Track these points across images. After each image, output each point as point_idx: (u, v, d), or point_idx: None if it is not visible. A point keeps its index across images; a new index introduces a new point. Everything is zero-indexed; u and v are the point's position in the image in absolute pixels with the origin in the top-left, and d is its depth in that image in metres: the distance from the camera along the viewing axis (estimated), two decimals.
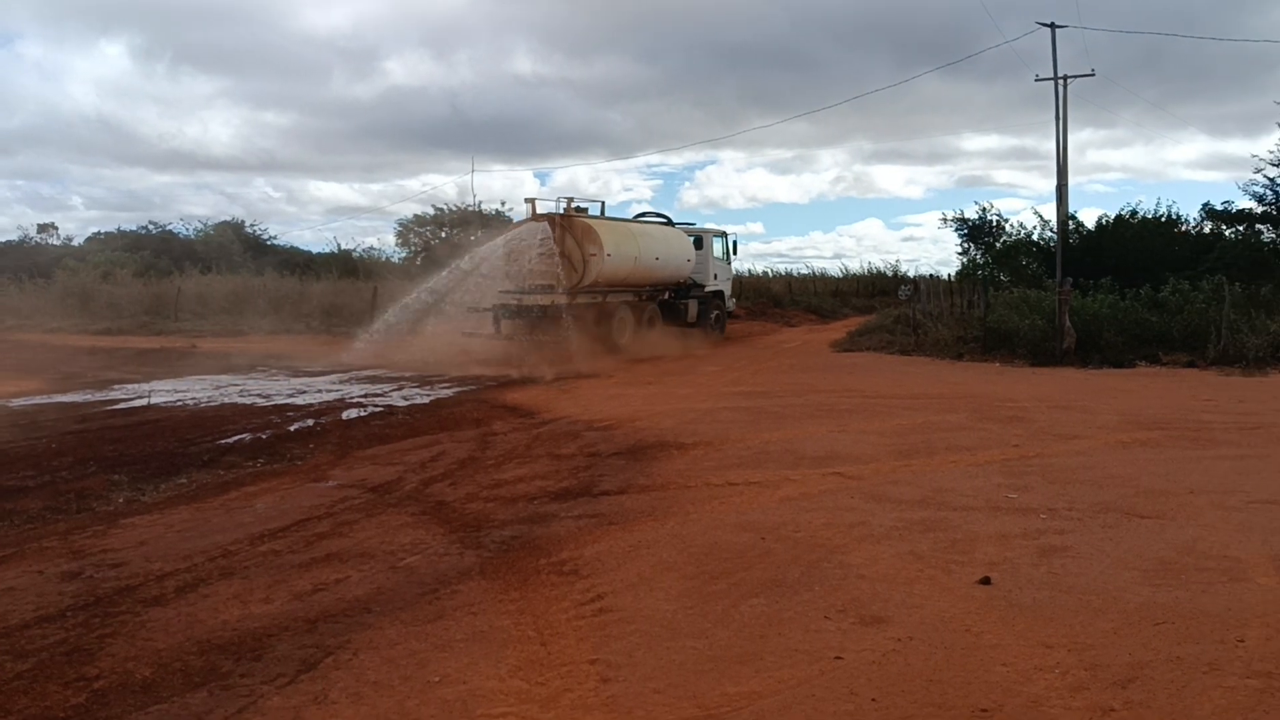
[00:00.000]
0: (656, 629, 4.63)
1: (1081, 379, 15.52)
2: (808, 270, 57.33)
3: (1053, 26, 26.65)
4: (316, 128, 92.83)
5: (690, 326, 23.89)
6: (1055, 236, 26.79)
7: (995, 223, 35.00)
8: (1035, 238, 30.50)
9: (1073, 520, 6.48)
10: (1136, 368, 16.84)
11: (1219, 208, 27.84)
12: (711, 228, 26.32)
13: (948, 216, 36.75)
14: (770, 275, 49.43)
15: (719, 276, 26.30)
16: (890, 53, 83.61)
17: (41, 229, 53.31)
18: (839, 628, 4.60)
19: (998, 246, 33.11)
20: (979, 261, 34.00)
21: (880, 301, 40.04)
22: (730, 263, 27.49)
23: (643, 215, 25.65)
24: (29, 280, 36.93)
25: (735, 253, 27.55)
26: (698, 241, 24.96)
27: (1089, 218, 39.07)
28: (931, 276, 38.02)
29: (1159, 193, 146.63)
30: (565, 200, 20.96)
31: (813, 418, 11.34)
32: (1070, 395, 13.26)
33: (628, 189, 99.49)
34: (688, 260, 23.79)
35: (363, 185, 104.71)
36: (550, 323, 19.78)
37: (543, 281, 20.15)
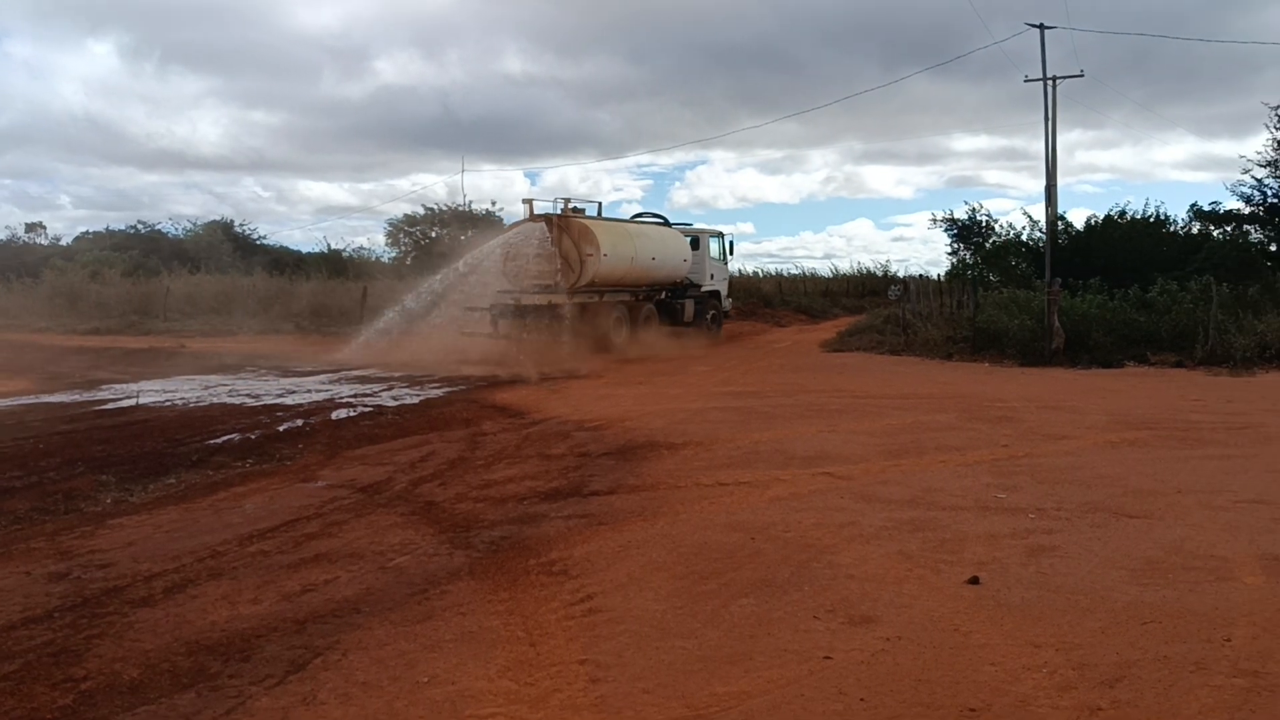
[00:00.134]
0: (646, 629, 4.63)
1: (1070, 379, 15.58)
2: (798, 270, 57.57)
3: (1041, 27, 26.75)
4: (306, 127, 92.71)
5: (687, 326, 24.05)
6: (1044, 237, 26.86)
7: (985, 223, 35.18)
8: (1024, 238, 30.63)
9: (1061, 520, 6.51)
10: (1125, 368, 16.91)
11: (1207, 208, 27.97)
12: (708, 228, 26.46)
13: (937, 217, 36.94)
14: (760, 275, 49.59)
15: (715, 276, 26.43)
16: (880, 53, 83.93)
17: (29, 228, 53.12)
18: (828, 628, 4.60)
19: (987, 247, 33.25)
20: (968, 262, 34.14)
21: (870, 301, 40.19)
22: (727, 263, 27.61)
23: (639, 216, 25.77)
24: (16, 280, 36.73)
25: (731, 253, 27.67)
26: (694, 242, 25.07)
27: (1078, 218, 39.23)
28: (921, 277, 38.27)
29: (1147, 193, 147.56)
30: (562, 201, 21.12)
31: (803, 418, 11.35)
32: (1059, 395, 13.31)
33: (618, 189, 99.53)
34: (684, 260, 23.92)
35: (352, 185, 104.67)
36: (548, 322, 19.93)
37: (540, 281, 20.29)
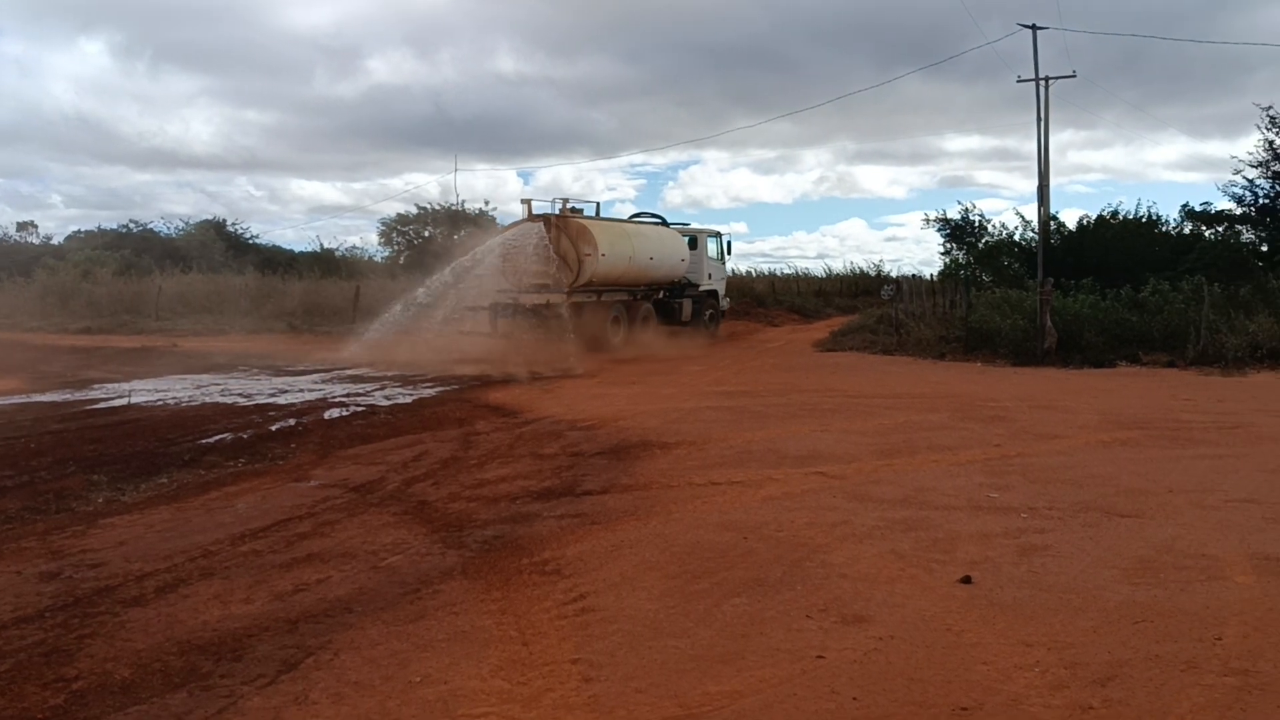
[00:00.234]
0: (639, 628, 4.63)
1: (1062, 379, 15.61)
2: (791, 270, 57.51)
3: (1034, 28, 26.79)
4: (299, 126, 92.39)
5: (684, 325, 24.18)
6: (1037, 237, 26.94)
7: (977, 223, 35.15)
8: (1017, 238, 30.70)
9: (1053, 519, 6.52)
10: (1117, 367, 16.96)
11: (1198, 209, 28.08)
12: (705, 228, 26.59)
13: (930, 217, 36.87)
14: (754, 275, 49.53)
15: (713, 276, 26.56)
16: (873, 53, 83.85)
17: (20, 227, 52.73)
18: (821, 627, 4.61)
19: (980, 247, 33.26)
20: (961, 261, 34.16)
21: (863, 301, 40.16)
22: (724, 262, 27.74)
23: (637, 216, 25.88)
24: (8, 279, 36.56)
25: (729, 252, 27.79)
26: (692, 241, 25.19)
27: (1070, 218, 39.29)
28: (914, 276, 38.19)
29: (1139, 193, 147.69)
30: (561, 201, 21.23)
31: (795, 417, 11.36)
32: (1051, 395, 13.34)
33: (611, 188, 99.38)
34: (682, 260, 24.05)
35: (345, 184, 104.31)
36: (546, 321, 20.05)
37: (539, 281, 20.39)
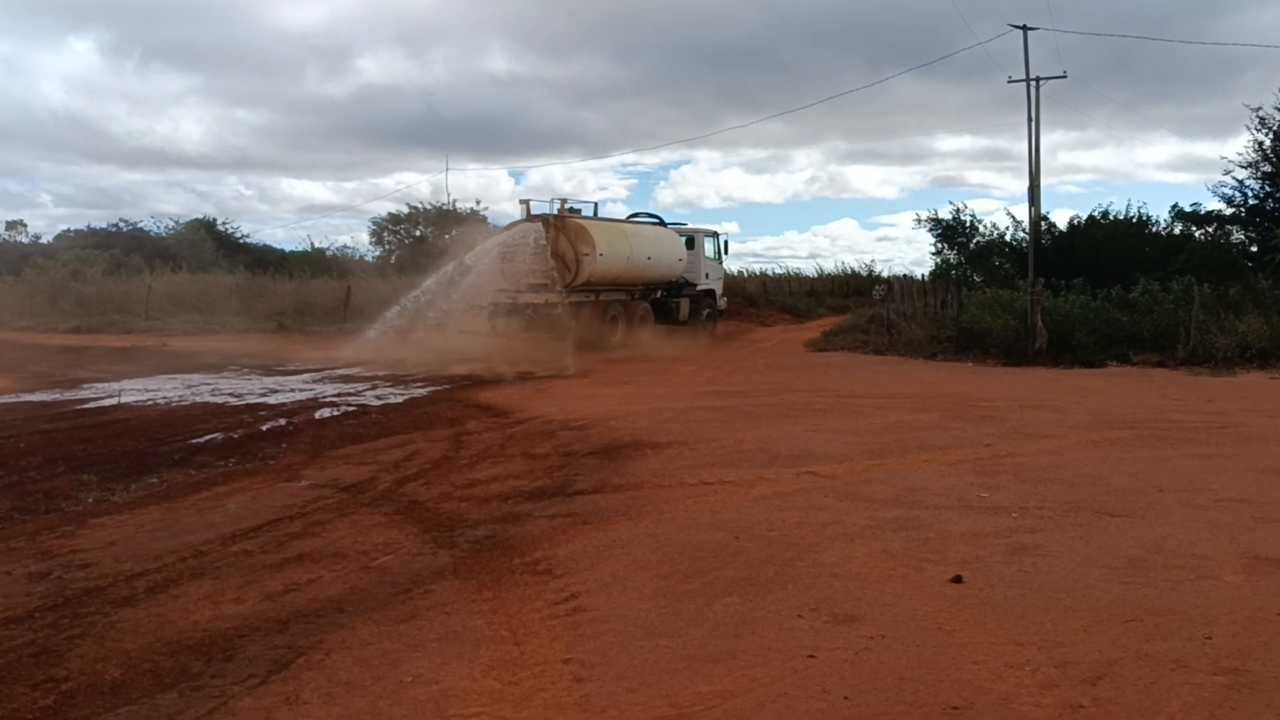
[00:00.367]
0: (630, 628, 4.63)
1: (1053, 378, 15.66)
2: (783, 270, 57.60)
3: (1025, 29, 26.89)
4: (289, 125, 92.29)
5: (682, 325, 24.35)
6: (1028, 237, 26.99)
7: (969, 223, 35.17)
8: (1008, 238, 30.72)
9: (1044, 519, 6.54)
10: (1107, 367, 17.01)
11: (1188, 209, 28.16)
12: (703, 228, 26.75)
13: (922, 217, 36.88)
14: (746, 275, 49.52)
15: (710, 275, 26.72)
16: (864, 54, 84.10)
17: (10, 226, 52.62)
18: (812, 626, 4.62)
19: (971, 247, 33.29)
20: (952, 262, 34.20)
21: (855, 301, 40.21)
22: (722, 262, 27.90)
23: (635, 216, 26.01)
24: None
25: (727, 252, 27.93)
26: (689, 241, 25.34)
27: (1061, 218, 39.30)
28: (905, 276, 38.32)
29: (1130, 194, 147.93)
30: (559, 201, 21.41)
31: (787, 417, 11.38)
32: (1042, 394, 13.37)
33: (603, 188, 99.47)
34: (679, 260, 24.21)
35: (336, 183, 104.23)
36: (544, 321, 20.27)
37: (537, 281, 20.53)
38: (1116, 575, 5.31)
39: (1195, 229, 27.27)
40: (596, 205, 23.05)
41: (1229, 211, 26.97)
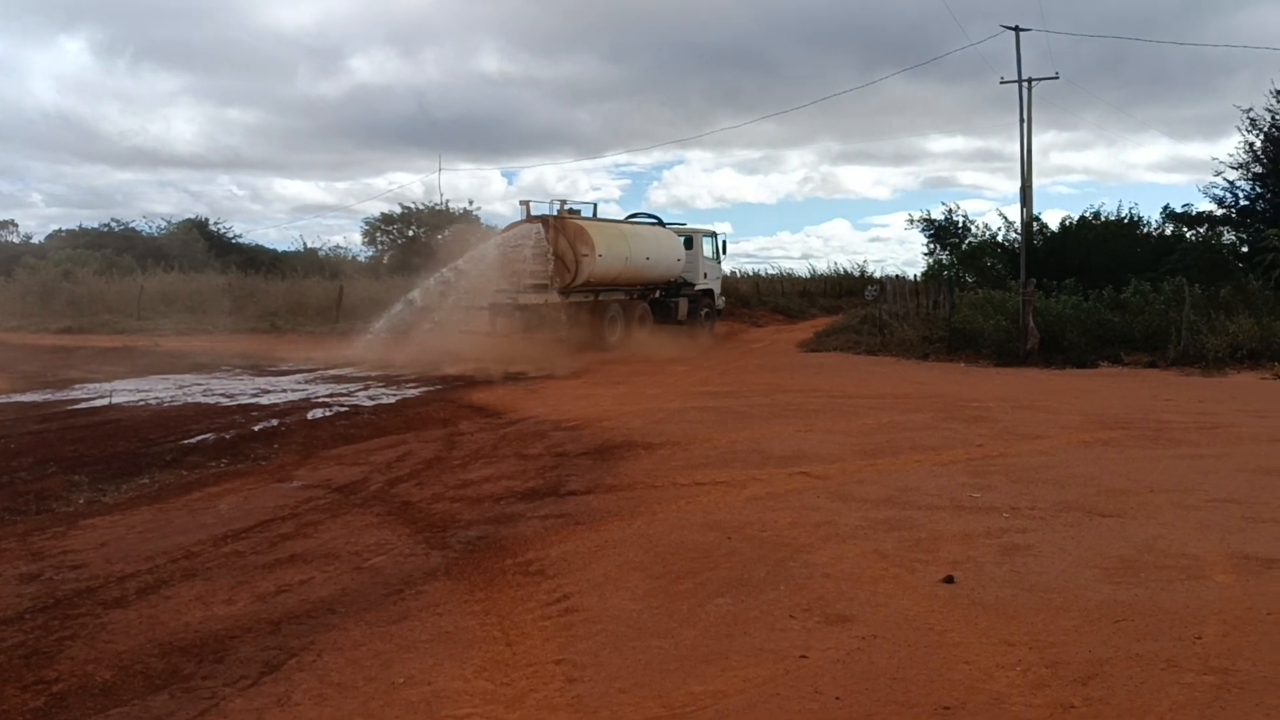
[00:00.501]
0: (622, 629, 4.63)
1: (1045, 379, 15.69)
2: (775, 270, 57.51)
3: (1017, 30, 26.95)
4: (282, 125, 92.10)
5: (680, 324, 24.52)
6: (1020, 238, 27.07)
7: (961, 224, 35.26)
8: (1000, 239, 30.86)
9: (1035, 519, 6.55)
10: (1099, 368, 17.06)
11: (1179, 210, 28.28)
12: (702, 228, 26.95)
13: (914, 217, 36.95)
14: (738, 275, 49.57)
15: (709, 275, 26.91)
16: (856, 55, 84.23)
17: (1, 226, 52.47)
18: (804, 626, 4.62)
19: (963, 247, 33.37)
20: (945, 262, 34.26)
21: (847, 302, 40.32)
22: (720, 262, 28.08)
23: (634, 216, 26.16)
24: None
25: (725, 252, 28.08)
26: (688, 241, 25.52)
27: (1052, 219, 39.46)
28: (898, 277, 38.30)
29: (1121, 195, 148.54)
30: (558, 202, 21.61)
31: (779, 417, 11.39)
32: (1033, 395, 13.40)
33: (595, 188, 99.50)
34: (678, 260, 24.38)
35: (328, 183, 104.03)
36: (544, 321, 20.49)
37: (537, 281, 20.68)
38: (1107, 575, 5.33)
39: (1186, 230, 27.39)
40: (595, 206, 23.31)
41: (1220, 212, 27.10)
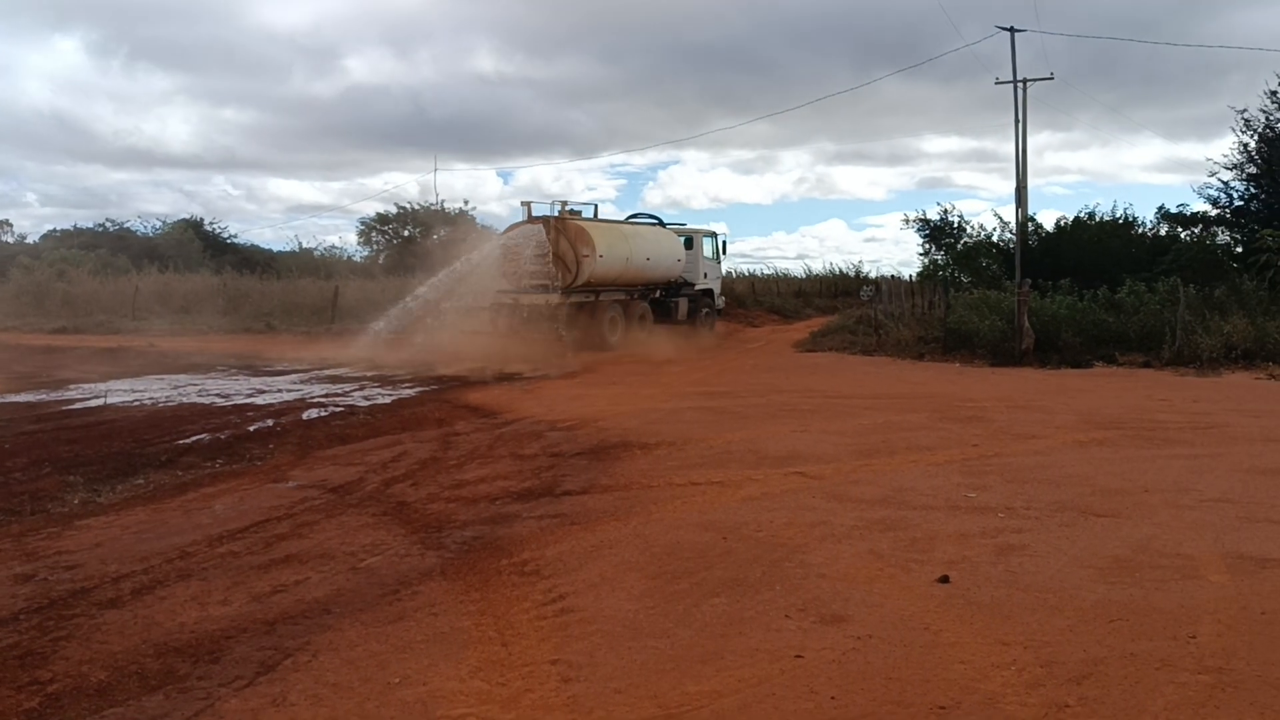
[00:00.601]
0: (618, 629, 4.63)
1: (1040, 379, 15.71)
2: (771, 271, 57.57)
3: (1012, 31, 27.01)
4: (277, 125, 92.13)
5: (680, 324, 24.66)
6: (1015, 238, 27.09)
7: (956, 224, 35.27)
8: (995, 239, 30.86)
9: (1030, 519, 6.56)
10: (1094, 368, 17.08)
11: (1174, 210, 28.32)
12: (702, 228, 27.10)
13: (909, 217, 36.96)
14: (734, 275, 49.58)
15: (709, 275, 27.04)
16: (851, 55, 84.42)
17: None
18: (799, 626, 4.62)
19: (958, 248, 33.37)
20: (940, 262, 34.26)
21: (842, 302, 40.38)
22: (720, 262, 28.21)
23: (634, 216, 26.30)
24: None
25: (725, 253, 28.19)
26: (688, 242, 25.66)
27: (1047, 219, 39.40)
28: (893, 277, 38.39)
29: (1116, 195, 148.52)
30: (560, 203, 21.73)
31: (775, 418, 11.39)
32: (1029, 395, 13.42)
33: (591, 189, 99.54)
34: (678, 260, 24.51)
35: (323, 183, 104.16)
36: (545, 321, 20.60)
37: (538, 282, 20.87)
38: (1102, 575, 5.34)
39: (1181, 230, 27.41)
40: (596, 207, 23.48)
41: (1214, 213, 27.14)
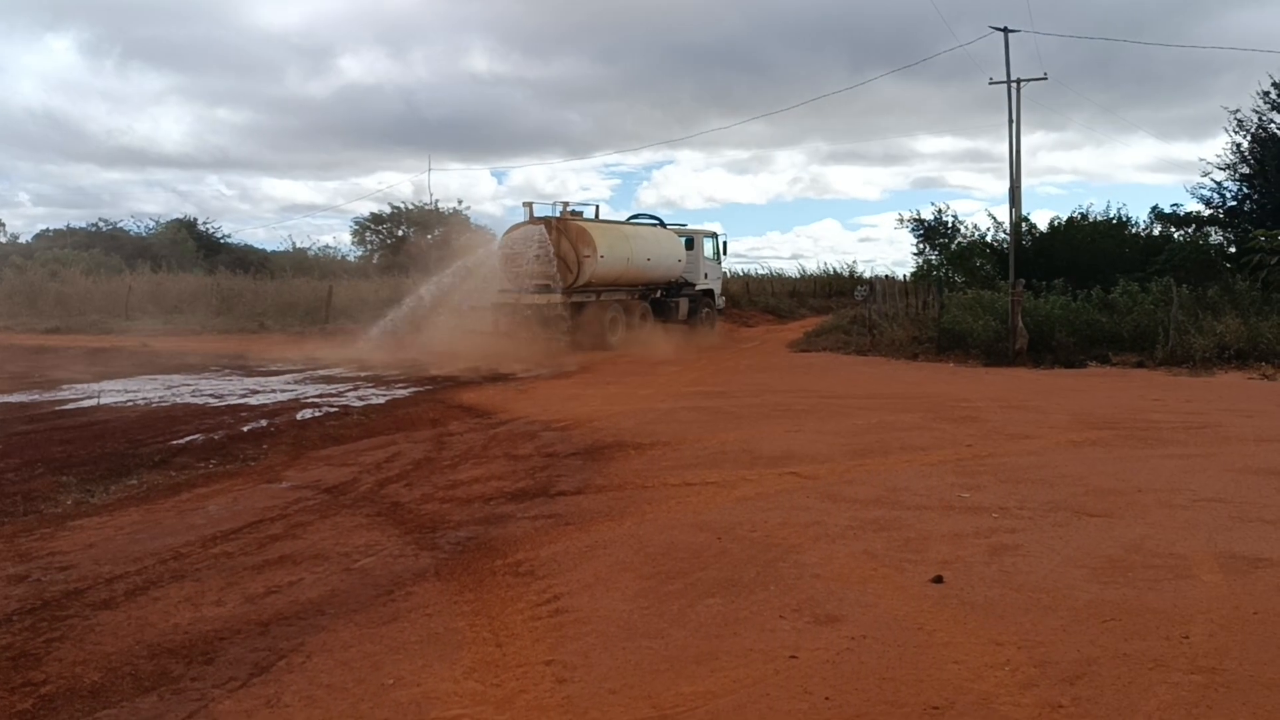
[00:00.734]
0: (613, 629, 4.63)
1: (1033, 379, 15.74)
2: (765, 271, 57.66)
3: (1005, 31, 27.03)
4: (270, 125, 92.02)
5: (681, 324, 24.82)
6: (1008, 238, 27.12)
7: (950, 224, 35.40)
8: (989, 239, 30.90)
9: (1024, 519, 6.57)
10: (1087, 368, 17.11)
11: (1167, 211, 28.41)
12: (702, 229, 27.28)
13: (904, 217, 37.18)
14: (728, 275, 49.57)
15: (709, 275, 27.23)
16: (846, 55, 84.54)
17: None
18: (794, 627, 4.63)
19: (952, 248, 33.48)
20: (934, 262, 34.39)
21: (837, 302, 40.45)
22: (720, 262, 28.39)
23: (635, 217, 26.44)
24: None
25: (725, 253, 28.34)
26: (689, 242, 25.85)
27: (1041, 219, 39.65)
28: (887, 277, 38.53)
29: (1109, 195, 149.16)
30: (561, 204, 21.96)
31: (769, 418, 11.40)
32: (1022, 395, 13.44)
33: (585, 188, 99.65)
34: (678, 260, 24.70)
35: (317, 183, 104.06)
36: (546, 321, 20.87)
37: (540, 282, 21.04)
38: (1095, 575, 5.35)
39: (1174, 230, 27.50)
40: (598, 208, 23.70)
41: (1207, 213, 27.23)
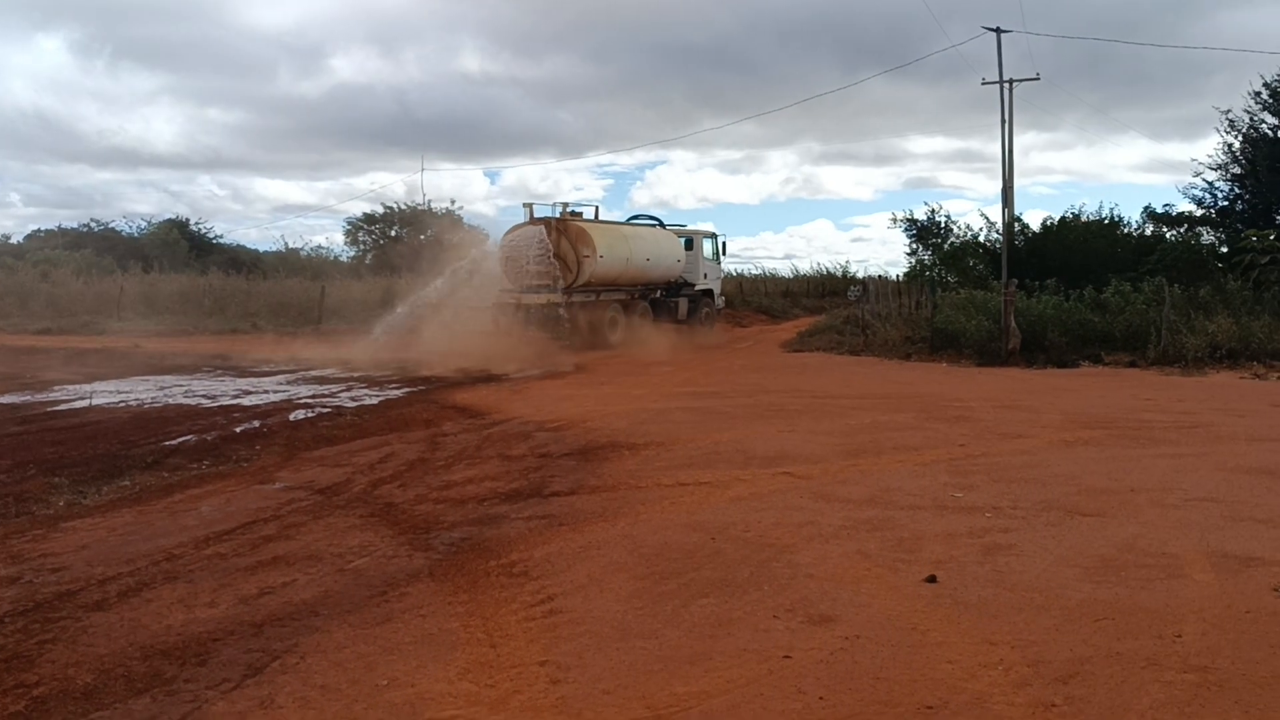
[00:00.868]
0: (606, 630, 4.63)
1: (1026, 379, 15.77)
2: (758, 271, 57.64)
3: (998, 31, 27.03)
4: (262, 125, 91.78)
5: (680, 323, 24.91)
6: (1001, 238, 27.17)
7: (943, 224, 35.44)
8: (982, 239, 30.99)
9: (1017, 519, 6.59)
10: (1080, 368, 17.16)
11: (1159, 210, 28.49)
12: (701, 229, 27.46)
13: (896, 217, 37.16)
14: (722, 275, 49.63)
15: (709, 275, 27.34)
16: (838, 55, 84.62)
17: None
18: (788, 627, 4.63)
19: (945, 248, 33.51)
20: (927, 262, 34.40)
21: (830, 302, 40.48)
22: (720, 262, 28.51)
23: (635, 218, 26.57)
24: None
25: (724, 253, 28.49)
26: (688, 242, 25.96)
27: (1034, 219, 39.70)
28: (880, 277, 38.47)
29: (1101, 195, 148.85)
30: (561, 205, 22.09)
31: (763, 418, 11.41)
32: (1015, 395, 13.47)
33: (578, 188, 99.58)
34: (678, 260, 24.82)
35: (309, 183, 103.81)
36: (546, 321, 21.03)
37: (539, 282, 21.16)
38: (1088, 574, 5.36)
39: (1166, 230, 27.58)
40: (597, 208, 23.88)
41: (1199, 213, 27.31)
